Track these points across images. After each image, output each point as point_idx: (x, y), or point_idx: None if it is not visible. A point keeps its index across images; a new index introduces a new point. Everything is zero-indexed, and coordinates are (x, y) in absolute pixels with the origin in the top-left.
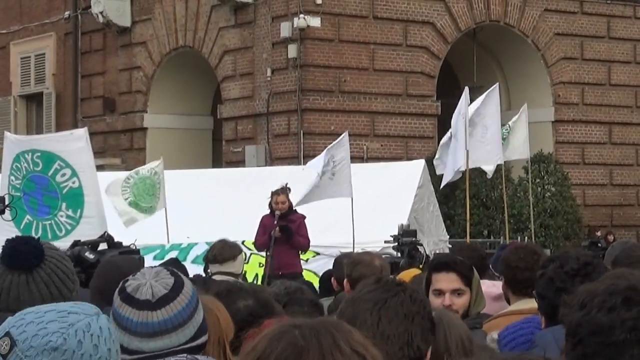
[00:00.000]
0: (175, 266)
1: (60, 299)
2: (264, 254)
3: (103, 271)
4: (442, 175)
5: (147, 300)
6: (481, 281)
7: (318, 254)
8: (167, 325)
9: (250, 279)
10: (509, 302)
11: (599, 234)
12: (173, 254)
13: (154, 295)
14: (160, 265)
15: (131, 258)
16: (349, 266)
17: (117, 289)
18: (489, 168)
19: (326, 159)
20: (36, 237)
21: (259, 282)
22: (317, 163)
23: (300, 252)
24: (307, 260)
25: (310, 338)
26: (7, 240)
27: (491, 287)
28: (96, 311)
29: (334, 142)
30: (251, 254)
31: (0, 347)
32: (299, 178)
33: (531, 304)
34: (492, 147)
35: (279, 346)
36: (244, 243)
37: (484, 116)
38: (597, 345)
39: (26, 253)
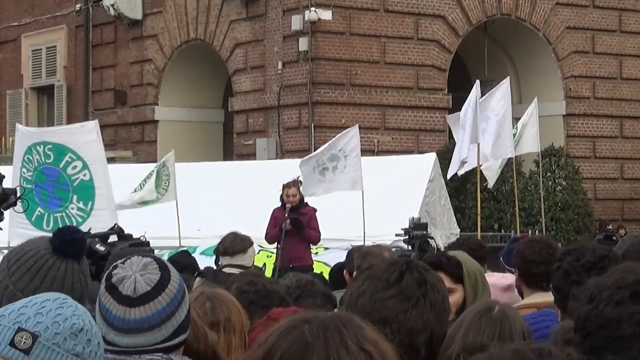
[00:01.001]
0: (184, 258)
1: (86, 290)
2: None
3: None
4: (450, 166)
5: (127, 296)
6: (491, 273)
7: (328, 248)
8: (144, 324)
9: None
10: (522, 295)
11: (610, 227)
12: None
13: (135, 291)
14: (170, 257)
15: (142, 250)
16: (359, 258)
17: (106, 274)
18: (496, 165)
19: (328, 153)
20: (47, 229)
21: (266, 273)
22: (309, 162)
23: (311, 245)
24: (316, 254)
25: (318, 334)
26: (60, 230)
27: (501, 278)
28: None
29: (337, 135)
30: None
31: (19, 343)
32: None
33: (545, 297)
34: (503, 140)
35: (286, 341)
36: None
37: (495, 110)
38: (605, 338)
39: (80, 242)
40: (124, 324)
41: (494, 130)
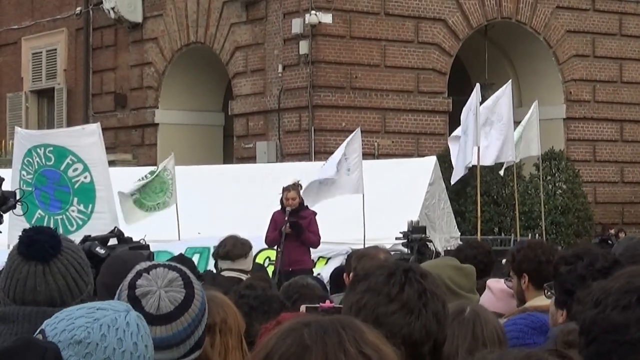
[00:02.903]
0: (182, 262)
1: (76, 290)
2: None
3: (110, 266)
4: (453, 171)
5: (150, 314)
6: (496, 280)
7: (330, 258)
8: (163, 343)
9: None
10: (523, 300)
11: (612, 231)
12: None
13: (159, 310)
14: (168, 260)
15: (139, 253)
16: (355, 260)
17: (128, 281)
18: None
19: (341, 157)
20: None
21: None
22: (330, 166)
23: (310, 248)
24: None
25: (316, 337)
26: (24, 231)
27: (507, 282)
28: (126, 308)
29: (347, 139)
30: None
31: None
32: (309, 174)
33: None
34: (505, 144)
35: (285, 344)
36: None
37: (498, 113)
38: (612, 343)
39: (43, 242)
40: None
41: (498, 134)
